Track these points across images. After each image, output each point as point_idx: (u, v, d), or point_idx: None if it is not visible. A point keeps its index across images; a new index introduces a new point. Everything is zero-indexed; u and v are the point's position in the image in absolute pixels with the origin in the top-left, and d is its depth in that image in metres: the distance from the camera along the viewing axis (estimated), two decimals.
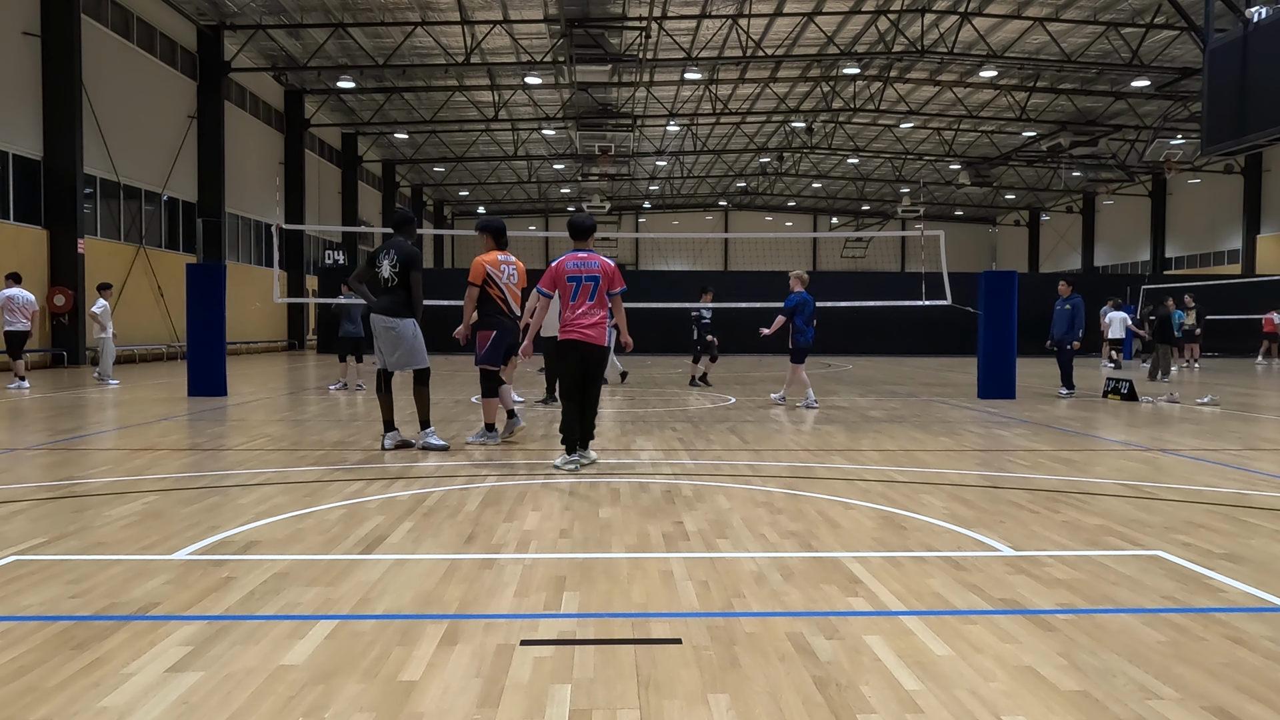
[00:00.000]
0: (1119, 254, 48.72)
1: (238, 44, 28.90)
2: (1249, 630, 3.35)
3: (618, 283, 7.19)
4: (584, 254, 7.20)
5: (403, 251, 7.80)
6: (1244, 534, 4.88)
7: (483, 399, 8.43)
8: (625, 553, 4.44)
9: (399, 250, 7.81)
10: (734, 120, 39.78)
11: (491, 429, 8.43)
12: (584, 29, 27.41)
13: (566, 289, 7.10)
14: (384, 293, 7.84)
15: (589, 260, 7.16)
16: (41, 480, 6.40)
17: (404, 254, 7.80)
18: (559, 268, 7.13)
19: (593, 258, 7.19)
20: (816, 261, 59.90)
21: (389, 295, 7.82)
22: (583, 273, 7.10)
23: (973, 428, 9.90)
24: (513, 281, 8.36)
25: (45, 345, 21.31)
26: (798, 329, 12.23)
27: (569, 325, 7.07)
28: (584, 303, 7.08)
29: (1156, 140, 33.64)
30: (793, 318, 12.21)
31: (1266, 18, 11.59)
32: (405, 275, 7.77)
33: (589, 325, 7.06)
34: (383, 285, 7.84)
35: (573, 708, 2.67)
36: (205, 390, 13.13)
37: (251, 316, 30.90)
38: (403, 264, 7.77)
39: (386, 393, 8.08)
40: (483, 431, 8.45)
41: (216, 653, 3.08)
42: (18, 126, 20.39)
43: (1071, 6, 26.80)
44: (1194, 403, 12.85)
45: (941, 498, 5.88)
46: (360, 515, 5.22)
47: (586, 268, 7.12)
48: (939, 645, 3.18)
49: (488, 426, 8.43)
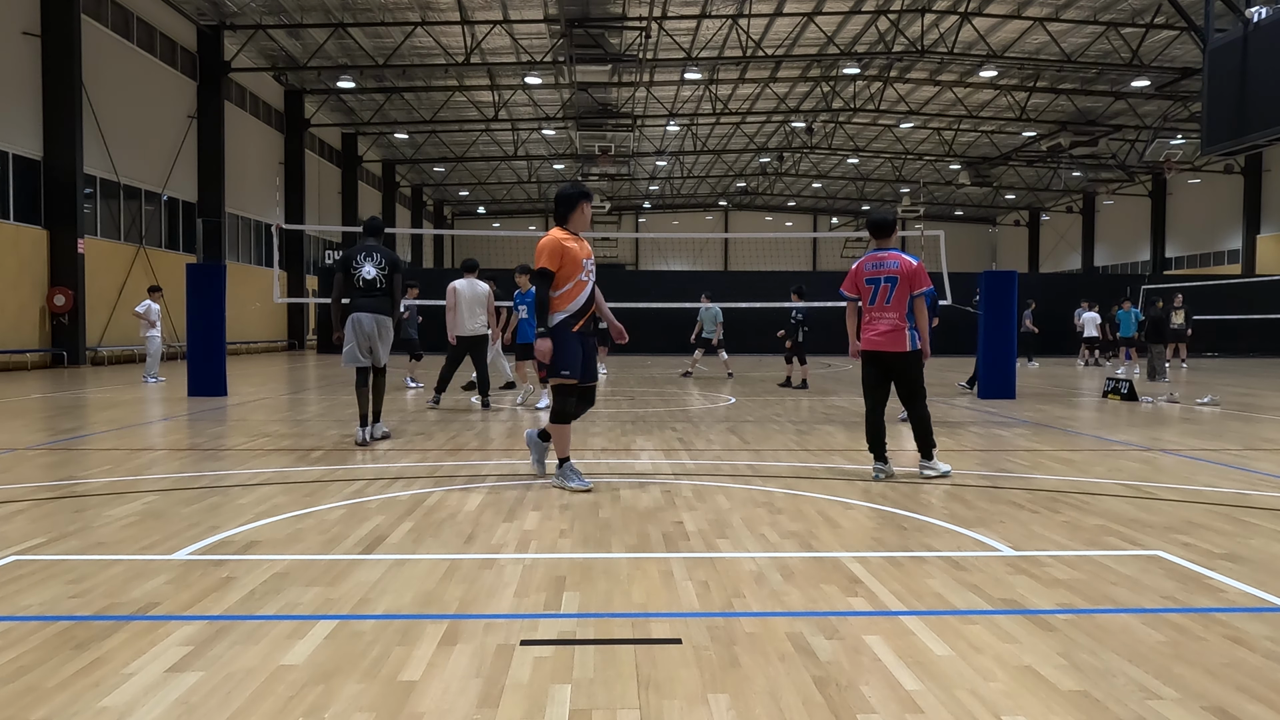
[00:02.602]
0: (1119, 254, 48.72)
1: (238, 44, 28.90)
2: (1249, 630, 3.35)
3: (920, 282, 6.58)
4: (883, 253, 6.66)
5: (390, 257, 8.37)
6: (1244, 534, 4.88)
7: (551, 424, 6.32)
8: (625, 553, 4.44)
9: (386, 256, 8.34)
10: (734, 120, 39.78)
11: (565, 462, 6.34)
12: (584, 29, 27.42)
13: (865, 291, 6.64)
14: (375, 294, 8.28)
15: (887, 260, 6.61)
16: (41, 480, 6.40)
17: (391, 259, 8.37)
18: (858, 270, 6.70)
19: (892, 257, 6.62)
20: (816, 261, 59.91)
21: (382, 296, 8.30)
22: (880, 274, 6.60)
23: (973, 428, 9.90)
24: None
25: (45, 345, 21.31)
26: None
27: (864, 330, 6.66)
28: (882, 306, 6.57)
29: (1156, 140, 33.65)
30: None
31: (1266, 18, 11.59)
32: (391, 278, 8.32)
33: (879, 333, 6.57)
34: (369, 287, 8.26)
35: (573, 708, 2.67)
36: (205, 390, 13.12)
37: (251, 316, 30.90)
38: (391, 267, 8.33)
39: (366, 387, 8.34)
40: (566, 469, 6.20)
41: (216, 653, 3.08)
42: (18, 126, 20.39)
43: (1071, 6, 26.80)
44: (1194, 403, 12.85)
45: (941, 498, 5.88)
46: (360, 515, 5.22)
47: (883, 268, 6.60)
48: (939, 645, 3.18)
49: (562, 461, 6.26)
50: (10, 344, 20.03)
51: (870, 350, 6.63)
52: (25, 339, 20.61)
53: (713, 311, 17.95)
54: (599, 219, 53.41)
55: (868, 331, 6.65)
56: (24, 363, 20.50)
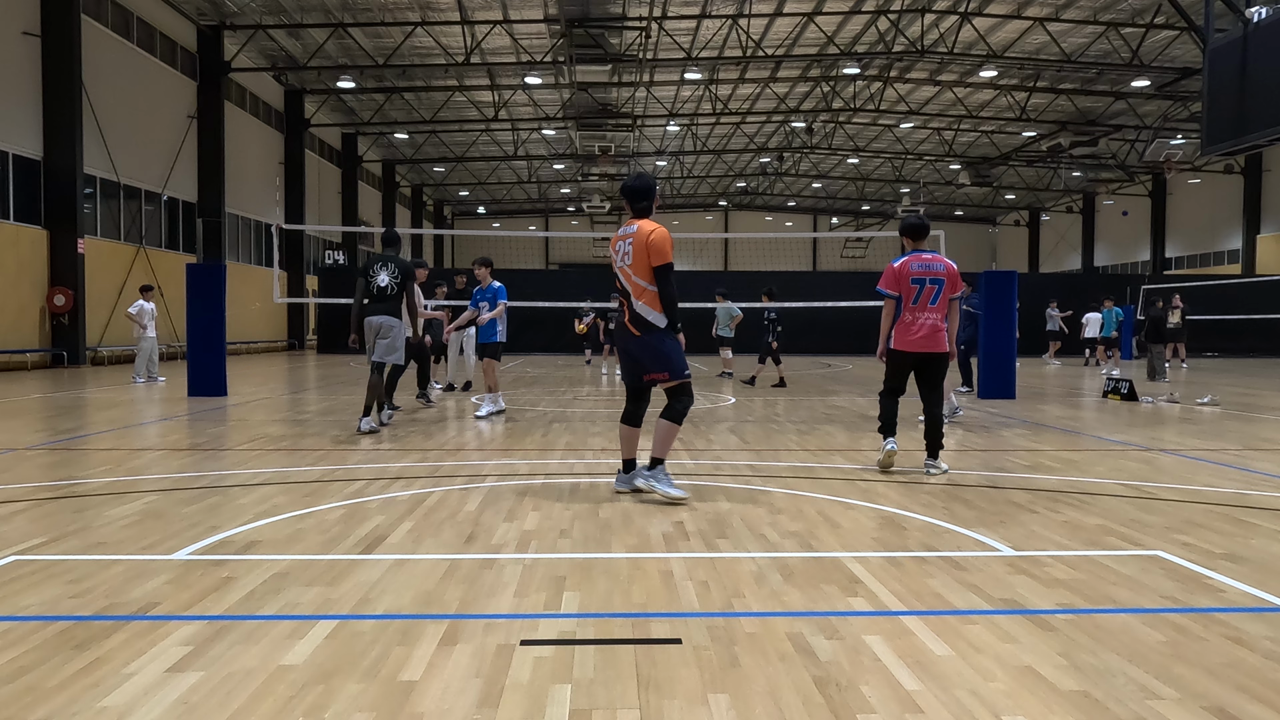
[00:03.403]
0: (1119, 254, 48.72)
1: (238, 44, 28.90)
2: (1249, 630, 3.35)
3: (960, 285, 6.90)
4: (928, 255, 6.84)
5: (404, 267, 9.24)
6: (1244, 534, 4.88)
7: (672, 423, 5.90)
8: (625, 553, 4.44)
9: (400, 266, 9.21)
10: (734, 120, 39.78)
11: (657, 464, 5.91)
12: (584, 29, 27.41)
13: (910, 291, 6.76)
14: (386, 299, 9.15)
15: (933, 262, 6.79)
16: (41, 480, 6.40)
17: (404, 268, 9.24)
18: (902, 269, 6.79)
19: (937, 259, 6.81)
20: (816, 261, 59.90)
21: (393, 301, 9.18)
22: (926, 275, 6.75)
23: (973, 428, 9.90)
24: (626, 262, 5.88)
25: (45, 345, 21.31)
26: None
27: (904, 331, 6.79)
28: (925, 307, 6.73)
29: (1156, 140, 33.61)
30: None
31: (1266, 18, 11.58)
32: (403, 286, 9.19)
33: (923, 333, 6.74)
34: (381, 293, 9.15)
35: (573, 708, 2.67)
36: (205, 390, 13.12)
37: (251, 316, 30.90)
38: (404, 276, 9.20)
39: (379, 381, 9.24)
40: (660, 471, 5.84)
41: (216, 653, 3.07)
42: (18, 126, 20.39)
43: (1071, 6, 26.79)
44: (1194, 403, 12.85)
45: (941, 498, 5.88)
46: (360, 515, 5.22)
47: (931, 270, 6.77)
48: (939, 645, 3.18)
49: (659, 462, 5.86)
50: (10, 344, 20.03)
51: (911, 351, 6.77)
52: (25, 339, 20.60)
53: (728, 308, 17.97)
54: (599, 219, 53.44)
55: (908, 332, 6.76)
56: (24, 363, 20.50)
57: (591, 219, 54.37)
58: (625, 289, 5.86)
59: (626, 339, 5.88)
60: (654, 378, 5.84)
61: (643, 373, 5.90)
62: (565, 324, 29.05)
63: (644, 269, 5.72)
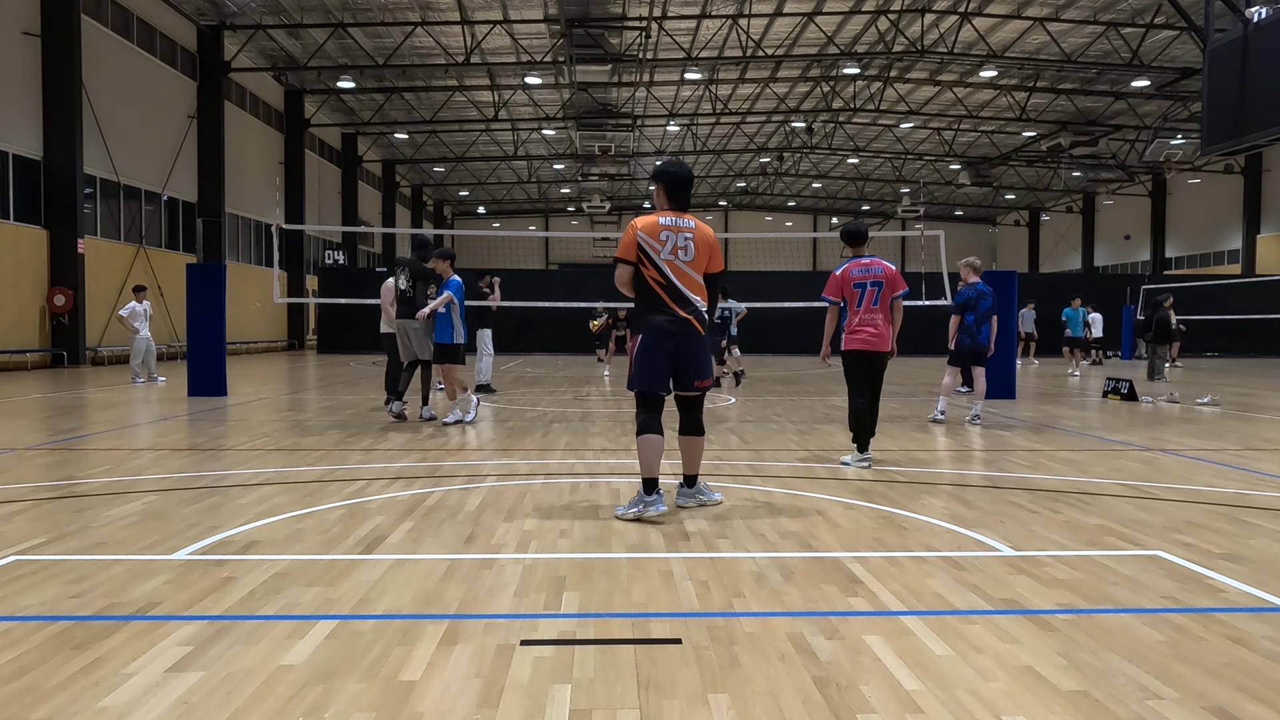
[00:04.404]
0: (1119, 254, 48.71)
1: (238, 44, 28.89)
2: (1249, 630, 3.35)
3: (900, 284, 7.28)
4: (867, 259, 7.30)
5: (415, 268, 10.04)
6: (1244, 534, 4.88)
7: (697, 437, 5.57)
8: (625, 553, 4.44)
9: (413, 268, 10.04)
10: (734, 120, 39.77)
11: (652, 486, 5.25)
12: (584, 29, 27.41)
13: (853, 295, 7.21)
14: (404, 302, 10.00)
15: (872, 265, 7.26)
16: (41, 480, 6.40)
17: (415, 270, 10.03)
18: (844, 275, 7.26)
19: (875, 263, 7.28)
20: (816, 261, 59.91)
21: (412, 303, 9.93)
22: (867, 279, 7.21)
23: (973, 428, 9.90)
24: (684, 256, 5.33)
25: (45, 345, 21.31)
26: (965, 328, 10.30)
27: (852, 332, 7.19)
28: (869, 308, 7.16)
29: (1156, 140, 33.61)
30: (962, 315, 10.28)
31: (1266, 18, 11.58)
32: (415, 287, 9.97)
33: (872, 334, 7.14)
34: (401, 296, 10.03)
35: (573, 708, 2.67)
36: (205, 390, 13.13)
37: (251, 316, 30.89)
38: (414, 278, 9.99)
39: (410, 374, 10.21)
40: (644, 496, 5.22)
41: (216, 653, 3.08)
42: (18, 126, 20.38)
43: (1071, 6, 26.79)
44: (1194, 403, 12.85)
45: (941, 498, 5.88)
46: (360, 515, 5.22)
47: (870, 273, 7.22)
48: (939, 645, 3.18)
49: (648, 485, 5.22)
50: (10, 344, 20.02)
51: (862, 350, 7.15)
52: (25, 339, 20.60)
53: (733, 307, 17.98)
54: (599, 219, 53.44)
55: (858, 333, 7.17)
56: (24, 363, 20.49)
57: (591, 219, 54.40)
58: (675, 284, 5.26)
59: (690, 340, 5.29)
60: (704, 384, 5.46)
61: (696, 378, 5.39)
62: (565, 324, 29.06)
63: (703, 268, 5.37)
